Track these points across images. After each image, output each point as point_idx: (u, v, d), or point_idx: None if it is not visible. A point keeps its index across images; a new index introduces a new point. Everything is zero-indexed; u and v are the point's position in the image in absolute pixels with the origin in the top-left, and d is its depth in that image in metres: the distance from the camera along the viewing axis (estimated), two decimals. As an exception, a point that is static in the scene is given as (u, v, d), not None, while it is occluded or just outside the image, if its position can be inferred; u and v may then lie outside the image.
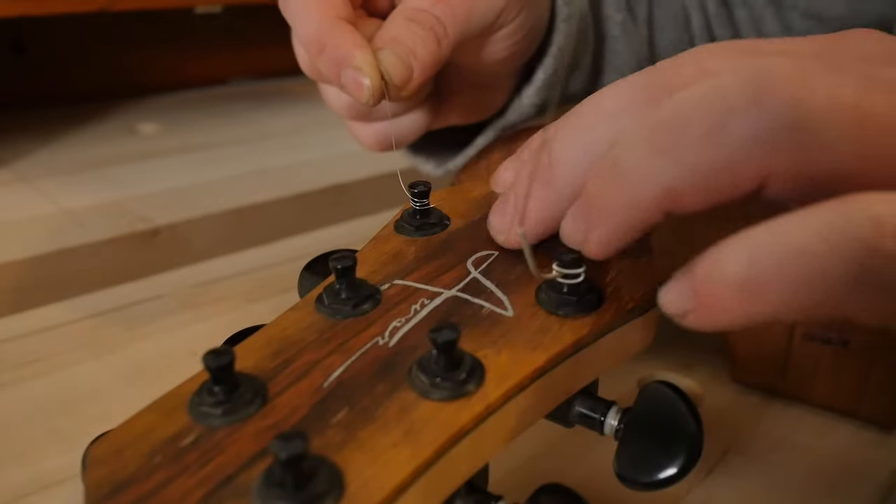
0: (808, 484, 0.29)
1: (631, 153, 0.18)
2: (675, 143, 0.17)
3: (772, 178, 0.17)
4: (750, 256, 0.16)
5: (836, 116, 0.16)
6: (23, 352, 0.36)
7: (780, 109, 0.16)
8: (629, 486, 0.20)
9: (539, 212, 0.22)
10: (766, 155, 0.17)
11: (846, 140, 0.16)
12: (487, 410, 0.18)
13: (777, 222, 0.16)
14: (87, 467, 0.17)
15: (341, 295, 0.21)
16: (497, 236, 0.24)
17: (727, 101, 0.17)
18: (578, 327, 0.21)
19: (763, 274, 0.15)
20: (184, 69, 0.76)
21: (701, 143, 0.17)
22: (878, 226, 0.15)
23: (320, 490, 0.15)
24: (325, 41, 0.30)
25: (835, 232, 0.15)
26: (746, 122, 0.17)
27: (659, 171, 0.18)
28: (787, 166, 0.17)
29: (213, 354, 0.17)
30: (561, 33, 0.37)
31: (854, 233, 0.15)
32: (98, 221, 0.46)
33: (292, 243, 0.50)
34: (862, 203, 0.15)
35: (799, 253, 0.15)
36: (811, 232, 0.15)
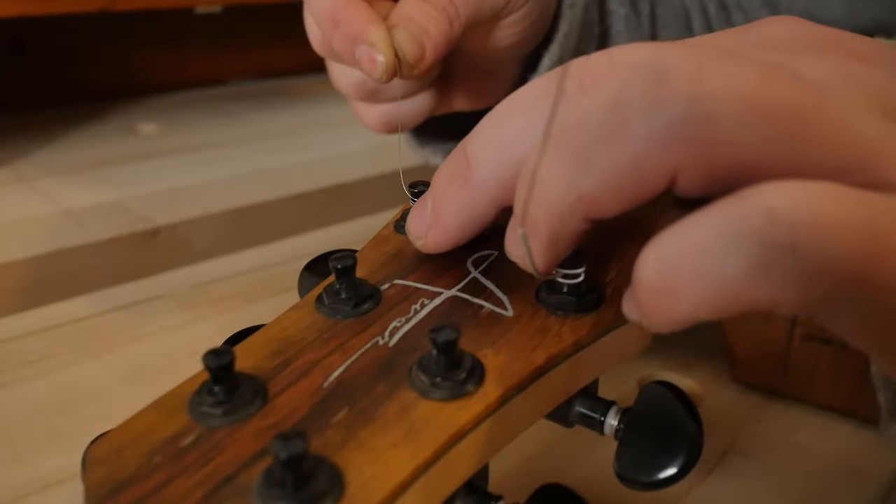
0: (808, 484, 0.29)
1: (546, 164, 0.18)
2: (581, 148, 0.17)
3: (680, 174, 0.16)
4: (657, 259, 0.16)
5: (733, 106, 0.16)
6: (23, 352, 0.36)
7: (674, 103, 0.16)
8: (629, 486, 0.20)
9: (457, 213, 0.21)
10: (668, 150, 0.16)
11: (746, 130, 0.16)
12: (487, 410, 0.18)
13: (682, 222, 0.16)
14: (87, 467, 0.17)
15: (341, 295, 0.21)
16: (415, 241, 0.23)
17: (625, 99, 0.17)
18: (578, 327, 0.21)
19: (669, 277, 0.16)
20: (184, 69, 0.76)
21: (605, 145, 0.17)
22: (771, 216, 0.15)
23: (320, 490, 0.15)
24: (340, 17, 0.30)
25: (729, 227, 0.15)
26: (644, 118, 0.16)
27: (570, 179, 0.17)
28: (692, 160, 0.16)
29: (212, 354, 0.17)
30: (566, 20, 0.37)
31: (747, 226, 0.15)
32: (98, 221, 0.46)
33: (292, 243, 0.50)
34: (757, 195, 0.15)
35: (699, 252, 0.15)
36: (709, 229, 0.15)
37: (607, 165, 0.17)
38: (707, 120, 0.16)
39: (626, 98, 0.17)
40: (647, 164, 0.16)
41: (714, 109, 0.16)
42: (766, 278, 0.15)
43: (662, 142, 0.16)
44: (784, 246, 0.14)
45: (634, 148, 0.16)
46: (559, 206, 0.18)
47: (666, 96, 0.16)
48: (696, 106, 0.16)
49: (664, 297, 0.16)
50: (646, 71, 0.17)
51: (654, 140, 0.16)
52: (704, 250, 0.15)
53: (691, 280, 0.15)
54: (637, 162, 0.16)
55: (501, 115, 0.21)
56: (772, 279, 0.15)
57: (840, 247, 0.15)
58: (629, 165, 0.17)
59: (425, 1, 0.31)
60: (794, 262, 0.14)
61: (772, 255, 0.15)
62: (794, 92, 0.16)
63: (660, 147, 0.16)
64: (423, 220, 0.22)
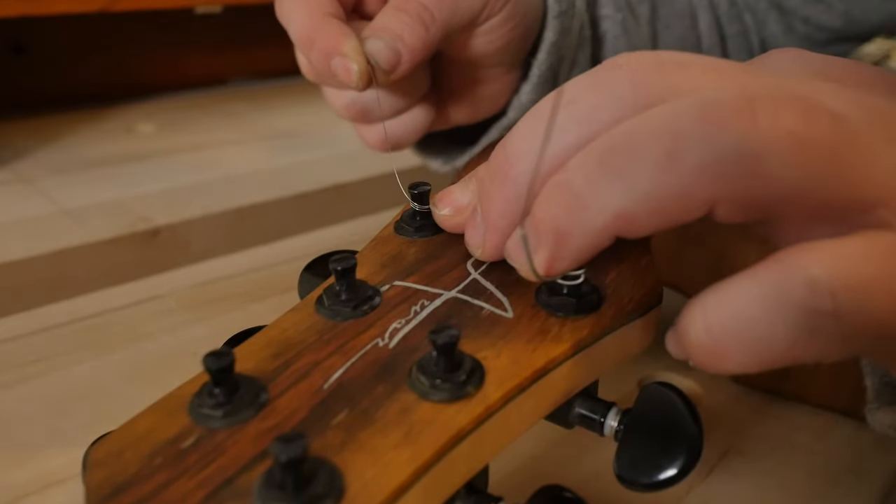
0: (808, 484, 0.29)
1: (584, 177, 0.18)
2: (628, 169, 0.17)
3: (720, 205, 0.17)
4: (705, 322, 0.17)
5: (780, 145, 0.17)
6: (23, 352, 0.36)
7: (727, 140, 0.17)
8: (629, 487, 0.20)
9: (504, 211, 0.21)
10: (714, 184, 0.17)
11: (790, 167, 0.17)
12: (487, 412, 0.18)
13: (724, 289, 0.17)
14: (88, 469, 0.17)
15: (341, 296, 0.21)
16: (474, 252, 0.22)
17: (679, 130, 0.17)
18: (578, 328, 0.21)
19: (718, 340, 0.17)
20: (184, 69, 0.76)
21: (654, 169, 0.17)
22: (812, 286, 0.16)
23: (320, 492, 0.16)
24: (315, 36, 0.31)
25: (774, 299, 0.16)
26: (696, 151, 0.17)
27: (611, 196, 0.17)
28: (735, 194, 0.17)
29: (213, 356, 0.17)
30: (552, 30, 0.37)
31: (791, 297, 0.16)
32: (98, 221, 0.46)
33: (292, 243, 0.50)
34: (798, 265, 0.16)
35: (746, 320, 0.16)
36: (754, 300, 0.16)
37: (652, 190, 0.17)
38: (756, 158, 0.17)
39: (680, 129, 0.17)
40: (691, 193, 0.17)
41: (763, 148, 0.16)
42: (811, 340, 0.16)
43: (710, 175, 0.17)
44: (827, 313, 0.16)
45: (683, 178, 0.17)
46: (594, 221, 0.18)
47: (719, 133, 0.17)
48: (747, 144, 0.16)
49: (715, 356, 0.17)
50: (700, 103, 0.17)
51: (703, 173, 0.17)
52: (751, 319, 0.16)
53: (740, 345, 0.17)
54: (683, 191, 0.17)
55: (541, 109, 0.21)
56: (817, 341, 0.16)
57: (879, 304, 0.16)
58: (674, 193, 0.17)
59: (400, 9, 0.32)
60: (837, 325, 0.16)
61: (816, 322, 0.16)
62: (832, 129, 0.17)
63: (707, 180, 0.17)
64: (477, 228, 0.22)
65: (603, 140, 0.18)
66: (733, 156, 0.17)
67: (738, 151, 0.16)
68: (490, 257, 0.22)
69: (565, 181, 0.18)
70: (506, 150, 0.21)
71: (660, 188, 0.17)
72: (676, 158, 0.17)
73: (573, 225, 0.18)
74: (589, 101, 0.19)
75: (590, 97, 0.19)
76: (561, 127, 0.19)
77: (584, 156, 0.18)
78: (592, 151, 0.18)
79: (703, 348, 0.17)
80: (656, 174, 0.17)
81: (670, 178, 0.17)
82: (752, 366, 0.17)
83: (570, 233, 0.18)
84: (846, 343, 0.16)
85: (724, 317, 0.17)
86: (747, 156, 0.16)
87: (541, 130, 0.19)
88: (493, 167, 0.21)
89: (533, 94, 0.39)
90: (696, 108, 0.17)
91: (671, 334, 0.19)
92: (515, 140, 0.21)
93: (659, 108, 0.18)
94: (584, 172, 0.18)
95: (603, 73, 0.20)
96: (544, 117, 0.19)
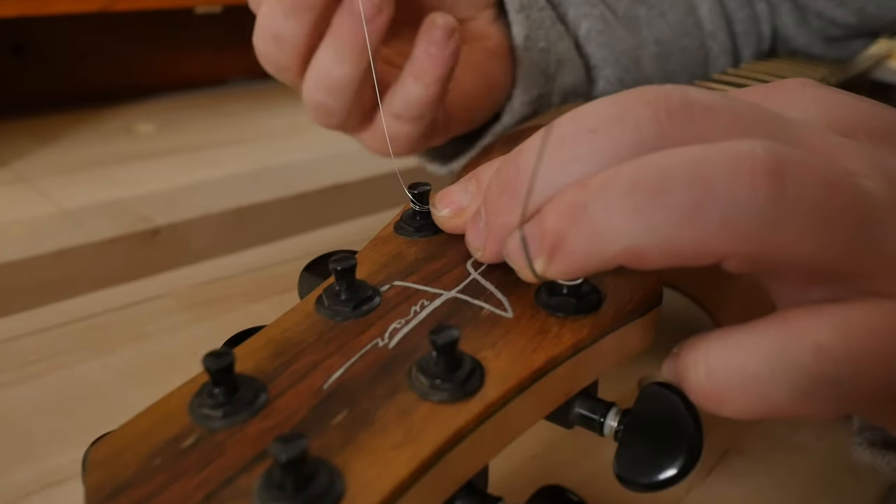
0: (808, 484, 0.29)
1: (603, 204, 0.17)
2: (652, 209, 0.17)
3: (731, 258, 0.17)
4: (707, 369, 0.18)
5: (802, 213, 0.17)
6: (23, 352, 0.36)
7: (754, 201, 0.16)
8: (629, 487, 0.20)
9: (508, 225, 0.21)
10: (732, 241, 0.17)
11: (807, 235, 0.17)
12: (487, 412, 0.18)
13: (730, 339, 0.17)
14: (88, 469, 0.17)
15: (341, 296, 0.21)
16: (474, 253, 0.22)
17: (708, 179, 0.17)
18: (578, 328, 0.21)
19: (718, 388, 0.17)
20: (183, 69, 0.76)
21: (679, 216, 0.17)
22: (818, 353, 0.16)
23: (320, 492, 0.15)
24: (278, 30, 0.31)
25: (780, 360, 0.17)
26: (721, 206, 0.16)
27: (627, 230, 0.17)
28: (750, 253, 0.17)
29: (212, 356, 0.17)
30: (519, 24, 0.37)
31: (797, 361, 0.17)
32: (98, 221, 0.46)
33: (292, 243, 0.50)
34: (807, 329, 0.17)
35: (749, 376, 0.17)
36: (759, 357, 0.17)
37: (671, 234, 0.17)
38: (777, 223, 0.17)
39: (711, 180, 0.17)
40: (709, 245, 0.17)
41: (785, 215, 0.16)
42: (809, 402, 0.17)
43: (731, 232, 0.17)
44: (829, 380, 0.16)
45: (704, 230, 0.17)
46: (603, 249, 0.18)
47: (748, 193, 0.16)
48: (772, 209, 0.16)
49: (712, 400, 0.18)
50: (733, 156, 0.17)
51: (725, 229, 0.17)
52: (755, 375, 0.17)
53: (739, 396, 0.17)
54: (701, 242, 0.17)
55: (561, 132, 0.20)
56: (814, 402, 0.17)
57: (875, 372, 0.17)
58: (692, 242, 0.17)
59: None
60: (835, 390, 0.16)
61: (817, 386, 0.16)
62: (854, 203, 0.17)
63: (726, 235, 0.17)
64: (479, 231, 0.22)
65: (631, 171, 0.17)
66: (757, 219, 0.16)
67: (762, 216, 0.16)
68: (490, 261, 0.22)
69: (582, 202, 0.18)
70: (518, 164, 0.20)
71: (680, 235, 0.17)
72: (703, 210, 0.16)
73: (580, 247, 0.18)
74: (611, 135, 0.19)
75: (612, 131, 0.19)
76: (578, 156, 0.19)
77: (608, 181, 0.18)
78: (618, 180, 0.17)
79: (701, 391, 0.18)
80: (680, 221, 0.17)
81: (692, 228, 0.17)
82: (748, 415, 0.17)
83: (574, 252, 0.18)
84: (839, 405, 0.17)
85: (728, 368, 0.17)
86: (770, 221, 0.16)
87: (558, 157, 0.19)
88: (503, 178, 0.21)
89: (524, 94, 0.39)
90: (729, 161, 0.17)
91: (670, 363, 0.19)
92: (528, 157, 0.20)
93: (691, 150, 0.17)
94: (604, 200, 0.17)
95: (630, 108, 0.19)
96: (564, 143, 0.19)
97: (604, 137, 0.19)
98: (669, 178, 0.17)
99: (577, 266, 0.18)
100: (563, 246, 0.18)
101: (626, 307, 0.22)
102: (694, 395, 0.18)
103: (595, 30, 0.43)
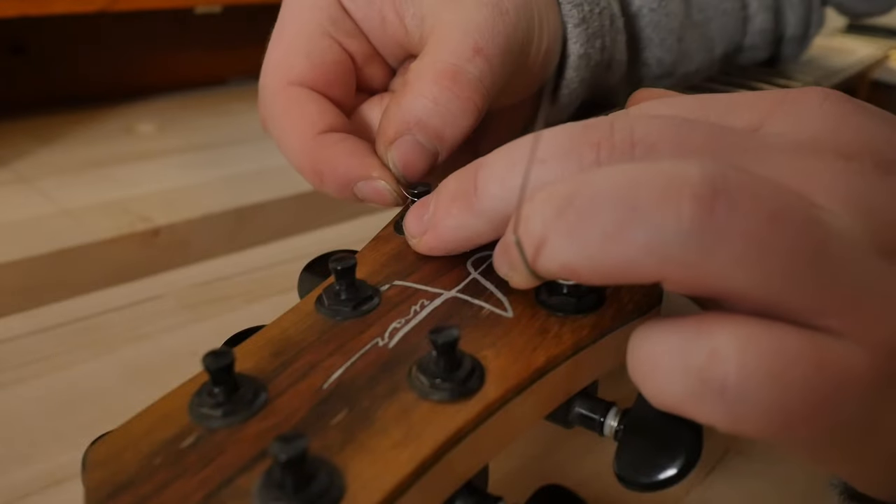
0: (809, 484, 0.29)
1: (541, 220, 0.17)
2: (579, 229, 0.17)
3: (665, 283, 0.17)
4: (630, 351, 0.17)
5: (735, 243, 0.16)
6: (23, 352, 0.36)
7: (678, 226, 0.16)
8: (629, 486, 0.20)
9: (456, 230, 0.21)
10: (659, 265, 0.16)
11: (743, 268, 0.16)
12: (487, 411, 0.18)
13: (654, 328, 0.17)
14: (88, 469, 0.17)
15: (341, 296, 0.21)
16: (409, 239, 0.23)
17: (635, 202, 0.16)
18: (578, 328, 0.21)
19: (633, 369, 0.17)
20: (184, 69, 0.76)
21: (602, 238, 0.16)
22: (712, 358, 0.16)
23: (320, 491, 0.15)
24: (320, 167, 0.27)
25: (679, 355, 0.16)
26: (646, 231, 0.16)
27: (560, 248, 0.17)
28: (680, 279, 0.16)
29: (212, 356, 0.17)
30: (575, 39, 0.34)
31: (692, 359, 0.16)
32: (98, 221, 0.46)
33: (292, 243, 0.50)
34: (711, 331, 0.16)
35: (652, 364, 0.17)
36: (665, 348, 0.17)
37: (597, 255, 0.17)
38: (703, 251, 0.16)
39: (637, 202, 0.16)
40: (635, 268, 0.16)
41: (713, 243, 0.16)
42: (698, 404, 0.16)
43: (656, 257, 0.16)
44: (715, 387, 0.16)
45: (629, 253, 0.16)
46: (545, 266, 0.18)
47: (672, 218, 0.16)
48: (698, 237, 0.16)
49: (634, 378, 0.17)
50: (665, 178, 0.16)
51: (650, 254, 0.16)
52: (656, 364, 0.17)
53: (646, 381, 0.17)
54: (627, 264, 0.16)
55: (515, 157, 0.20)
56: (703, 406, 0.16)
57: (770, 400, 0.16)
58: (619, 264, 0.16)
59: (446, 89, 0.26)
60: (723, 400, 0.16)
61: (704, 390, 0.16)
62: (803, 234, 0.16)
63: (652, 259, 0.16)
64: (422, 222, 0.22)
65: (564, 188, 0.17)
66: (681, 245, 0.16)
67: (687, 243, 0.16)
68: (424, 252, 0.23)
69: (526, 217, 0.18)
70: (477, 181, 0.21)
71: (605, 257, 0.16)
72: (626, 233, 0.16)
73: (531, 259, 0.18)
74: (556, 164, 0.19)
75: (558, 161, 0.19)
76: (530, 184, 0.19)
77: (547, 197, 0.17)
78: (552, 198, 0.17)
79: (632, 367, 0.17)
80: (604, 243, 0.16)
81: (617, 250, 0.16)
82: (653, 402, 0.17)
83: (524, 266, 0.18)
84: (732, 419, 0.16)
85: (642, 351, 0.17)
86: (696, 248, 0.16)
87: (514, 179, 0.19)
88: (459, 187, 0.21)
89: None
90: (660, 182, 0.16)
91: None
92: (488, 180, 0.20)
93: (627, 169, 0.17)
94: (542, 217, 0.17)
95: (575, 141, 0.19)
96: (516, 171, 0.19)
97: (550, 168, 0.19)
98: (598, 197, 0.16)
99: (528, 275, 0.19)
100: (514, 256, 0.18)
101: (626, 307, 0.22)
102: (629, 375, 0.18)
103: (647, 7, 0.40)
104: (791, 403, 0.16)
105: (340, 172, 0.27)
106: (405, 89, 0.27)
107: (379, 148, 0.28)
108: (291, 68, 0.29)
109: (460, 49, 0.27)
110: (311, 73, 0.29)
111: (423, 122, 0.26)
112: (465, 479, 0.18)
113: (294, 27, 0.30)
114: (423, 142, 0.26)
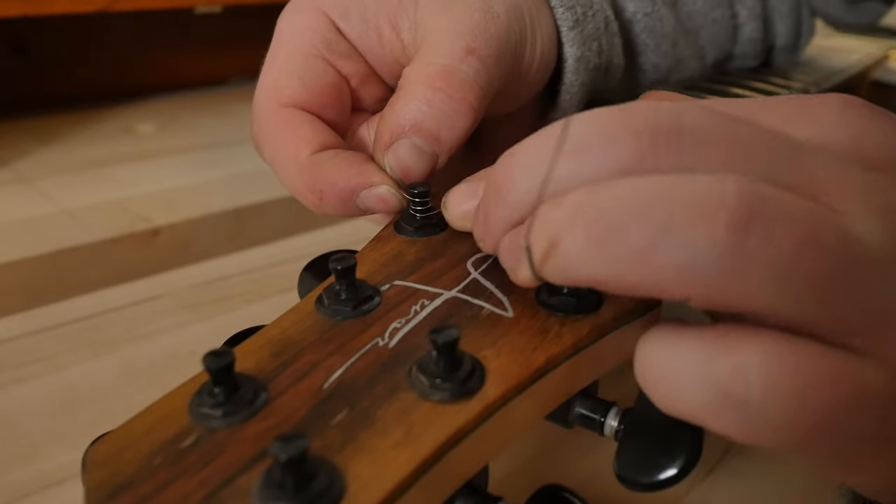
0: (809, 484, 0.29)
1: (570, 231, 0.17)
2: (608, 245, 0.16)
3: (693, 300, 0.17)
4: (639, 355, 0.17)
5: (766, 268, 0.16)
6: (23, 352, 0.36)
7: (710, 249, 0.15)
8: (629, 486, 0.20)
9: (496, 223, 0.20)
10: (687, 286, 0.16)
11: (771, 290, 0.16)
12: (487, 411, 0.18)
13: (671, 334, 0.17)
14: (88, 469, 0.17)
15: (341, 296, 0.21)
16: (479, 243, 0.22)
17: (667, 222, 0.16)
18: (578, 328, 0.21)
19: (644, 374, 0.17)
20: (183, 69, 0.76)
21: (632, 255, 0.16)
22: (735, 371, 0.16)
23: (320, 491, 0.15)
24: (318, 185, 0.26)
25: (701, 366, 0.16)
26: (677, 252, 0.16)
27: (587, 261, 0.17)
28: (709, 298, 0.16)
29: (212, 356, 0.17)
30: (572, 42, 0.34)
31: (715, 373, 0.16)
32: (98, 221, 0.46)
33: (292, 243, 0.50)
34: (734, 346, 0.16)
35: (670, 371, 0.17)
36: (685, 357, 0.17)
37: (626, 272, 0.16)
38: (735, 275, 0.16)
39: (669, 221, 0.16)
40: (663, 284, 0.16)
41: (746, 267, 0.16)
42: (717, 415, 0.16)
43: (686, 278, 0.16)
44: (738, 400, 0.16)
45: (657, 272, 0.16)
46: (567, 273, 0.17)
47: (705, 241, 0.15)
48: (730, 260, 0.16)
49: (643, 384, 0.17)
50: (699, 198, 0.16)
51: (678, 272, 0.16)
52: (674, 372, 0.16)
53: (658, 387, 0.17)
54: (654, 280, 0.16)
55: (545, 147, 0.19)
56: (722, 417, 0.16)
57: (791, 415, 0.16)
58: (647, 282, 0.16)
59: (439, 90, 0.26)
60: (744, 414, 0.16)
61: (725, 402, 0.16)
62: (834, 258, 0.16)
63: (681, 279, 0.16)
64: (479, 224, 0.21)
65: (595, 200, 0.17)
66: (713, 268, 0.16)
67: (720, 266, 0.16)
68: (491, 252, 0.22)
69: (549, 223, 0.17)
70: (507, 171, 0.20)
71: (634, 274, 0.16)
72: (656, 252, 0.16)
73: (549, 267, 0.18)
74: (592, 157, 0.18)
75: (594, 153, 0.18)
76: (560, 178, 0.18)
77: (573, 208, 0.17)
78: (582, 210, 0.17)
79: (638, 371, 0.17)
80: (633, 261, 0.16)
81: (646, 269, 0.16)
82: (665, 409, 0.17)
83: (548, 270, 0.18)
84: (750, 431, 0.16)
85: (653, 359, 0.17)
86: (729, 272, 0.16)
87: (542, 167, 0.18)
88: (494, 181, 0.20)
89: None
90: (694, 202, 0.16)
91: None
92: (517, 166, 0.19)
93: (660, 182, 0.17)
94: (571, 229, 0.17)
95: (614, 129, 0.18)
96: (543, 164, 0.18)
97: (584, 161, 0.18)
98: (629, 212, 0.16)
99: (559, 279, 0.18)
100: (544, 262, 0.18)
101: (626, 307, 0.22)
102: (637, 377, 0.18)
103: (642, 12, 0.39)
104: (809, 419, 0.16)
105: (340, 186, 0.26)
106: (399, 94, 0.27)
107: (376, 155, 0.27)
108: (284, 90, 0.29)
109: (452, 50, 0.26)
110: (305, 96, 0.29)
111: (418, 124, 0.26)
112: (466, 479, 0.18)
113: (287, 49, 0.30)
114: (419, 145, 0.26)
